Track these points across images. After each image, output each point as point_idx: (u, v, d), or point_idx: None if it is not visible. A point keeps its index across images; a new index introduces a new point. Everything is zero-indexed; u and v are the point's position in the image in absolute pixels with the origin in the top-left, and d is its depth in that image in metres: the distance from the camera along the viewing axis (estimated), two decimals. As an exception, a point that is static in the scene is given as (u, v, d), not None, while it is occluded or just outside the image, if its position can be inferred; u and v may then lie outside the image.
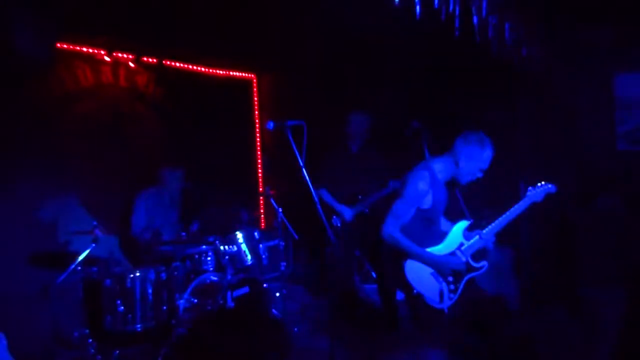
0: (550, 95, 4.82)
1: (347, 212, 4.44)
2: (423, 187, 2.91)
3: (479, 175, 3.00)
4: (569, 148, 4.77)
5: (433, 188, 2.94)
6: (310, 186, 2.73)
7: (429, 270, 2.95)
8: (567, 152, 4.77)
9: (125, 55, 5.18)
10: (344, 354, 3.82)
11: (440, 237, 3.05)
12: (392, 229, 2.95)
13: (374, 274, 5.32)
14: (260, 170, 6.78)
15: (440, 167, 3.01)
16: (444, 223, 3.21)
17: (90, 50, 4.93)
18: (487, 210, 3.56)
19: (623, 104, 4.57)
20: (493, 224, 3.06)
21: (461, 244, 3.03)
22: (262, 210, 6.70)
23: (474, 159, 2.93)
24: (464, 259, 2.99)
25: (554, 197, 3.24)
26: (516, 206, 3.09)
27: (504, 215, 3.07)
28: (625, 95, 4.56)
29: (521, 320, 3.68)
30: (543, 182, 3.15)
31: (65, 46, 4.72)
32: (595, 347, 3.46)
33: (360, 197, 4.49)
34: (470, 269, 3.00)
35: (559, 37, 4.65)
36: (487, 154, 2.95)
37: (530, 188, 3.14)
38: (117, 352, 3.65)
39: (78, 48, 4.84)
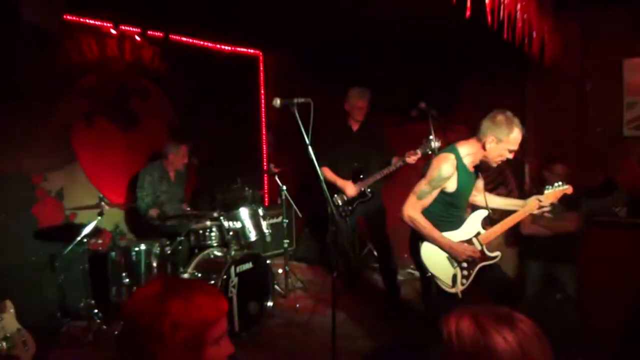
0: (559, 80, 4.79)
1: (350, 187, 4.45)
2: (447, 170, 2.85)
3: (509, 156, 2.88)
4: (577, 133, 4.75)
5: (458, 172, 2.88)
6: (316, 164, 2.73)
7: (444, 254, 2.95)
8: (575, 137, 4.75)
9: (131, 29, 5.15)
10: (345, 330, 3.89)
11: (459, 222, 3.03)
12: (413, 210, 2.91)
13: (375, 254, 5.36)
14: (265, 148, 6.79)
15: (466, 151, 2.92)
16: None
17: (97, 23, 4.90)
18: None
19: (632, 89, 4.53)
20: (513, 216, 3.05)
21: (478, 233, 3.03)
22: (266, 188, 6.73)
23: (501, 142, 2.80)
24: (479, 247, 2.99)
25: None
26: None
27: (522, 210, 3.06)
28: (635, 80, 4.51)
29: (523, 303, 3.73)
30: (560, 183, 3.06)
31: (71, 18, 4.68)
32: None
33: (361, 176, 4.49)
34: (484, 257, 3.00)
35: (570, 20, 4.59)
36: (515, 135, 2.80)
37: (547, 187, 3.06)
38: (123, 323, 3.71)
39: (84, 20, 4.81)
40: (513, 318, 1.10)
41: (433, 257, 2.96)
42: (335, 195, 4.49)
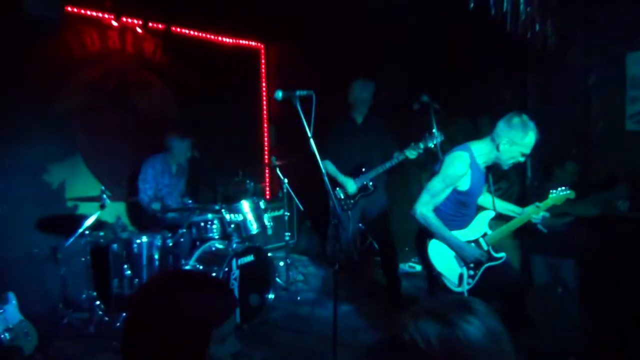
0: (562, 73, 4.76)
1: (351, 184, 4.44)
2: (461, 168, 2.85)
3: (521, 159, 2.88)
4: (579, 127, 4.74)
5: (471, 171, 2.88)
6: (318, 157, 2.72)
7: (452, 253, 2.97)
8: (577, 131, 4.73)
9: (132, 21, 5.13)
10: (346, 323, 3.90)
11: (468, 221, 3.05)
12: (425, 207, 2.91)
13: (376, 247, 5.37)
14: (266, 141, 6.78)
15: (480, 151, 2.92)
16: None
17: (98, 15, 4.88)
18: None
19: (635, 83, 4.51)
20: (515, 220, 3.08)
21: (485, 233, 3.04)
22: (267, 181, 6.73)
23: (515, 144, 2.80)
24: (485, 248, 3.01)
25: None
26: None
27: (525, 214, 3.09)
28: (638, 74, 4.49)
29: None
30: (564, 187, 3.08)
31: (72, 10, 4.66)
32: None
33: (364, 169, 4.48)
34: (490, 258, 3.02)
35: (573, 13, 4.56)
36: (529, 139, 2.80)
37: (552, 191, 3.08)
38: (125, 315, 3.73)
39: (85, 12, 4.79)
40: (466, 301, 1.07)
41: (440, 256, 2.97)
42: (338, 189, 4.48)
